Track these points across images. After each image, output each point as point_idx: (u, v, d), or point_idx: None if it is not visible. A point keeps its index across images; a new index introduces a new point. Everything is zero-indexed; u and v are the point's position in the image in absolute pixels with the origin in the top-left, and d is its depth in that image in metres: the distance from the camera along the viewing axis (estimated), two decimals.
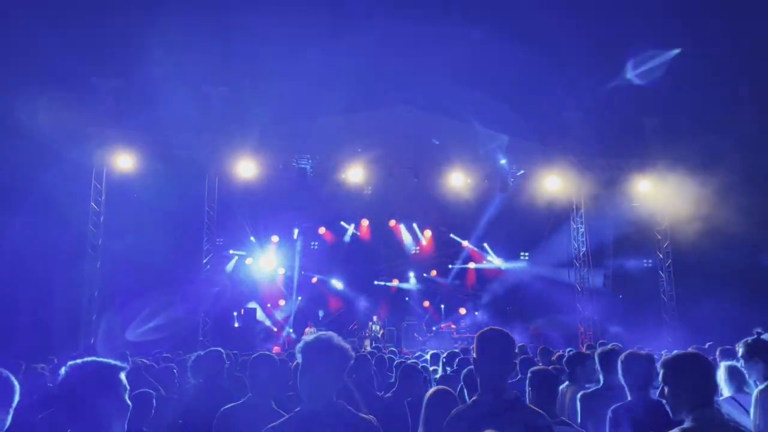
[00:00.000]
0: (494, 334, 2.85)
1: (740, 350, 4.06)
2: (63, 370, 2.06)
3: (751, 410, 3.57)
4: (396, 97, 17.07)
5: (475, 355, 2.81)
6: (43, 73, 14.23)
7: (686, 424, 2.52)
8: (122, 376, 2.12)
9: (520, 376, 6.62)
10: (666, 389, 2.59)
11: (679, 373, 2.59)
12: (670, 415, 2.56)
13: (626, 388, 3.85)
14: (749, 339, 3.96)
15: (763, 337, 4.05)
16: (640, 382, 3.76)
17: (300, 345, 2.59)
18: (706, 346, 8.87)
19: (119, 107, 15.35)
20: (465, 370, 4.66)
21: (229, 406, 3.57)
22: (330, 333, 2.62)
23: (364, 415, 2.61)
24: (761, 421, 3.43)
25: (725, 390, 4.20)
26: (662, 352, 8.54)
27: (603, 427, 3.84)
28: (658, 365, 2.72)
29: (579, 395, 4.58)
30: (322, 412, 2.48)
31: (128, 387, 2.14)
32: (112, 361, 2.15)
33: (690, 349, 5.10)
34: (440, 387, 3.54)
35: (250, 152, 16.61)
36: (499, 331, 2.91)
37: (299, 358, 2.56)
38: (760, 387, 3.61)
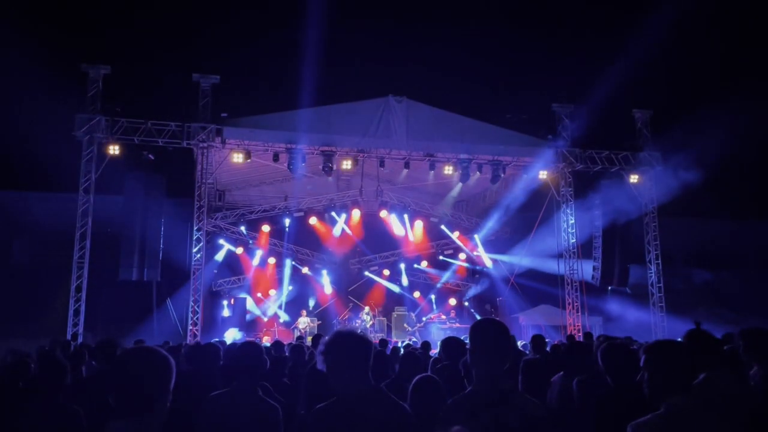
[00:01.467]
0: (489, 325, 2.87)
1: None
2: None
3: None
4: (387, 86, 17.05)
5: (470, 347, 2.83)
6: None
7: (661, 410, 2.52)
8: None
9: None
10: (645, 375, 2.61)
11: (657, 358, 2.61)
12: (647, 401, 2.58)
13: (609, 378, 3.86)
14: (690, 330, 4.00)
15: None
16: (623, 372, 3.76)
17: (323, 346, 2.79)
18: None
19: None
20: (463, 359, 4.70)
21: (215, 393, 3.57)
22: (348, 328, 2.83)
23: (399, 401, 2.77)
24: None
25: None
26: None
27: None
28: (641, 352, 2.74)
29: (575, 383, 4.61)
30: (359, 397, 2.66)
31: None
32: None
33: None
34: (425, 374, 3.55)
35: (242, 139, 16.54)
36: (494, 321, 2.94)
37: (325, 358, 2.74)
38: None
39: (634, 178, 18.28)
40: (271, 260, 22.54)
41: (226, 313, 20.86)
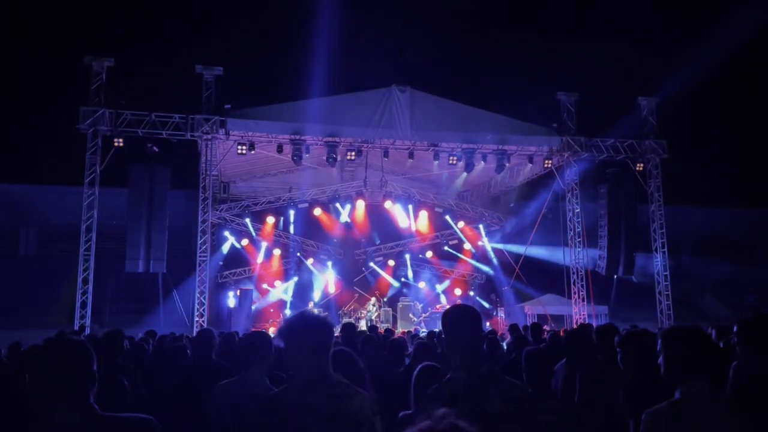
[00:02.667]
0: (460, 311, 2.84)
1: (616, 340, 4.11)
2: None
3: None
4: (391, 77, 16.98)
5: (444, 335, 2.79)
6: None
7: (675, 397, 2.49)
8: None
9: (513, 355, 6.68)
10: (661, 361, 2.59)
11: (671, 343, 2.58)
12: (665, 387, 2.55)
13: (623, 367, 3.84)
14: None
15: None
16: (637, 359, 3.74)
17: (281, 326, 2.69)
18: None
19: None
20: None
21: (223, 382, 3.59)
22: (308, 309, 2.73)
23: (359, 390, 2.62)
24: None
25: None
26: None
27: (600, 403, 3.86)
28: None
29: (578, 378, 4.59)
30: (309, 384, 2.51)
31: None
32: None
33: None
34: (426, 363, 3.55)
35: (245, 131, 16.52)
36: (464, 306, 2.91)
37: (281, 339, 2.61)
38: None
39: (639, 167, 18.19)
40: (276, 252, 22.57)
41: (232, 304, 20.94)
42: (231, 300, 21.22)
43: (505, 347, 8.05)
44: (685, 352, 2.54)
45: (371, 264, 23.11)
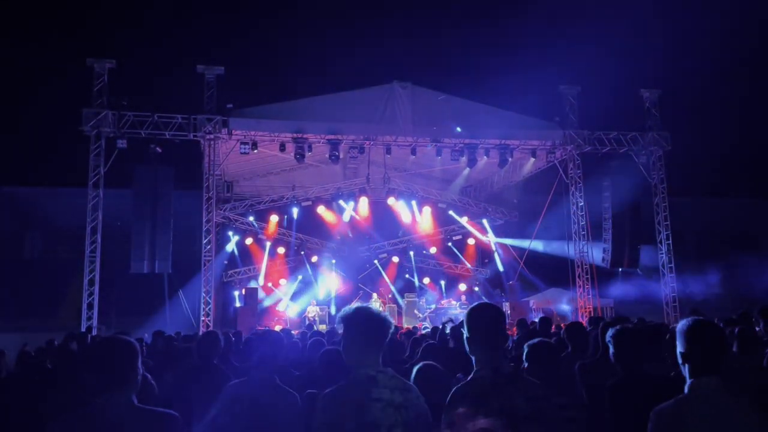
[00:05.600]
0: (484, 309, 2.84)
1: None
2: None
3: None
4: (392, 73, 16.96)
5: (467, 333, 2.79)
6: None
7: (684, 394, 2.46)
8: None
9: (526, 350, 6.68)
10: (679, 356, 2.55)
11: (685, 339, 2.54)
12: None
13: (617, 363, 3.76)
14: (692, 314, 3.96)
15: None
16: (632, 356, 3.71)
17: (341, 315, 2.82)
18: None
19: None
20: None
21: (234, 381, 3.60)
22: (365, 305, 2.84)
23: (407, 382, 2.80)
24: None
25: None
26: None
27: (600, 398, 3.85)
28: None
29: (577, 366, 4.61)
30: (372, 376, 2.65)
31: None
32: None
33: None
34: (426, 362, 3.56)
35: (248, 130, 16.53)
36: (488, 305, 2.91)
37: (341, 328, 2.78)
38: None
39: (643, 159, 18.15)
40: (281, 250, 22.61)
41: (237, 303, 20.99)
42: (236, 299, 21.27)
43: (510, 343, 8.03)
44: (700, 348, 2.49)
45: (375, 261, 23.13)
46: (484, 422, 1.54)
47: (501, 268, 22.75)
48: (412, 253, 23.47)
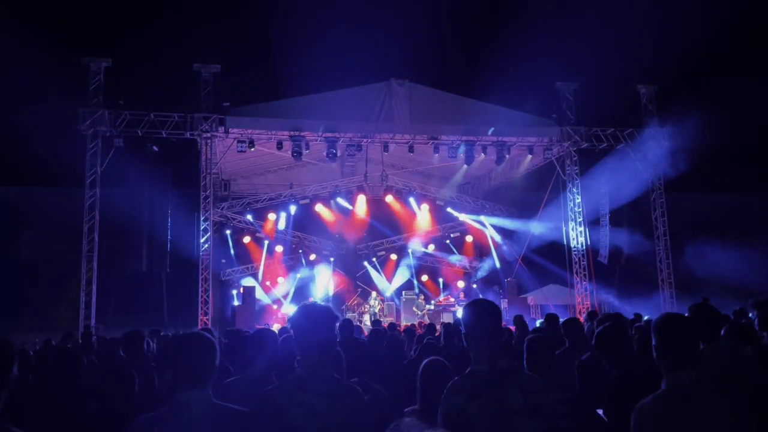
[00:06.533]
0: (481, 305, 2.86)
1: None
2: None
3: None
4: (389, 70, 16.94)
5: (464, 329, 2.80)
6: None
7: (662, 390, 2.45)
8: None
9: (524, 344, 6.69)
10: (654, 352, 2.55)
11: (659, 333, 2.53)
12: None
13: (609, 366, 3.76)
14: (694, 304, 3.93)
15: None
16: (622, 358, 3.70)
17: (291, 315, 2.76)
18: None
19: None
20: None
21: (230, 379, 3.60)
22: (314, 301, 2.79)
23: (349, 384, 2.76)
24: None
25: None
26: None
27: (600, 393, 3.85)
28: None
29: (576, 362, 4.61)
30: (310, 376, 2.61)
31: None
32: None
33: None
34: (433, 357, 3.56)
35: (245, 128, 16.50)
36: (484, 300, 2.93)
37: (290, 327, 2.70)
38: None
39: (640, 155, 18.15)
40: (279, 248, 22.60)
41: (235, 301, 20.98)
42: (234, 298, 21.27)
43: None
44: (673, 342, 2.48)
45: (374, 258, 23.14)
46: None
47: (498, 265, 22.78)
48: (410, 250, 23.48)
